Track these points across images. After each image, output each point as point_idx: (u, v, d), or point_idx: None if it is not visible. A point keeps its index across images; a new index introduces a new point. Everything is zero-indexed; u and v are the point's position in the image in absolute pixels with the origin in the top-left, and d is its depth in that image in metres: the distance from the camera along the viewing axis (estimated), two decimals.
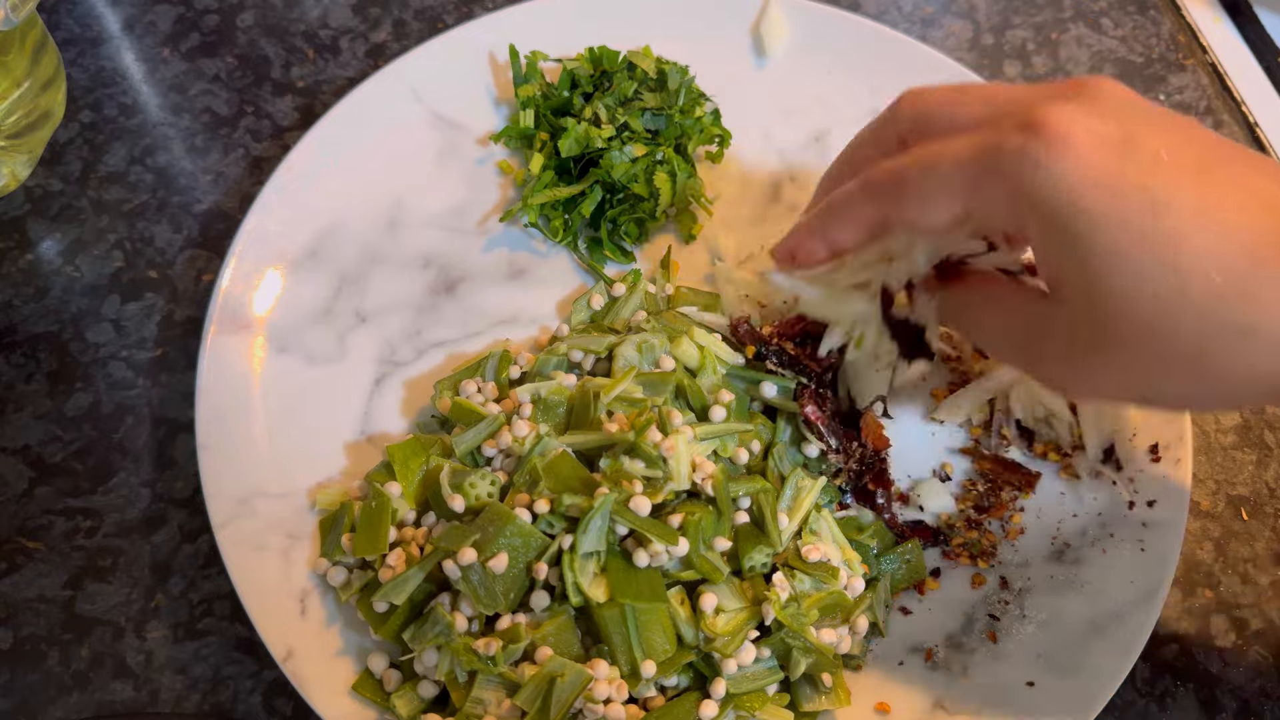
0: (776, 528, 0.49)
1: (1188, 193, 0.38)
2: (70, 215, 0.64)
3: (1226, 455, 0.58)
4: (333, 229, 0.61)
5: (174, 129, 0.68)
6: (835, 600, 0.49)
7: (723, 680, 0.46)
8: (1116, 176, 0.38)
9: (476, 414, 0.51)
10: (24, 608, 0.53)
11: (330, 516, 0.52)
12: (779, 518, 0.50)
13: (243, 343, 0.57)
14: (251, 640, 0.52)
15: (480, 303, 0.60)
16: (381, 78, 0.64)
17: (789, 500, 0.50)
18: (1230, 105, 0.71)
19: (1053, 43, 0.73)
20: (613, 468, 0.48)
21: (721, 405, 0.52)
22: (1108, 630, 0.49)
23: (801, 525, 0.50)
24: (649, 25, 0.67)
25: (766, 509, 0.49)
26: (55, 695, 0.51)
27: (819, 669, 0.48)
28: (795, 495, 0.51)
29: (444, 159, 0.64)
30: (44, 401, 0.58)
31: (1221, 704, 0.52)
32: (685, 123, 0.63)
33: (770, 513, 0.49)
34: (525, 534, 0.47)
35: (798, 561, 0.49)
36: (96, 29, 0.71)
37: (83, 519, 0.55)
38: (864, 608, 0.50)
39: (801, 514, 0.50)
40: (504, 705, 0.46)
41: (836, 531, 0.51)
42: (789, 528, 0.49)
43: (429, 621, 0.47)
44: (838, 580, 0.49)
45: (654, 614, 0.46)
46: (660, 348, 0.54)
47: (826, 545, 0.50)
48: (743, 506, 0.50)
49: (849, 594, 0.50)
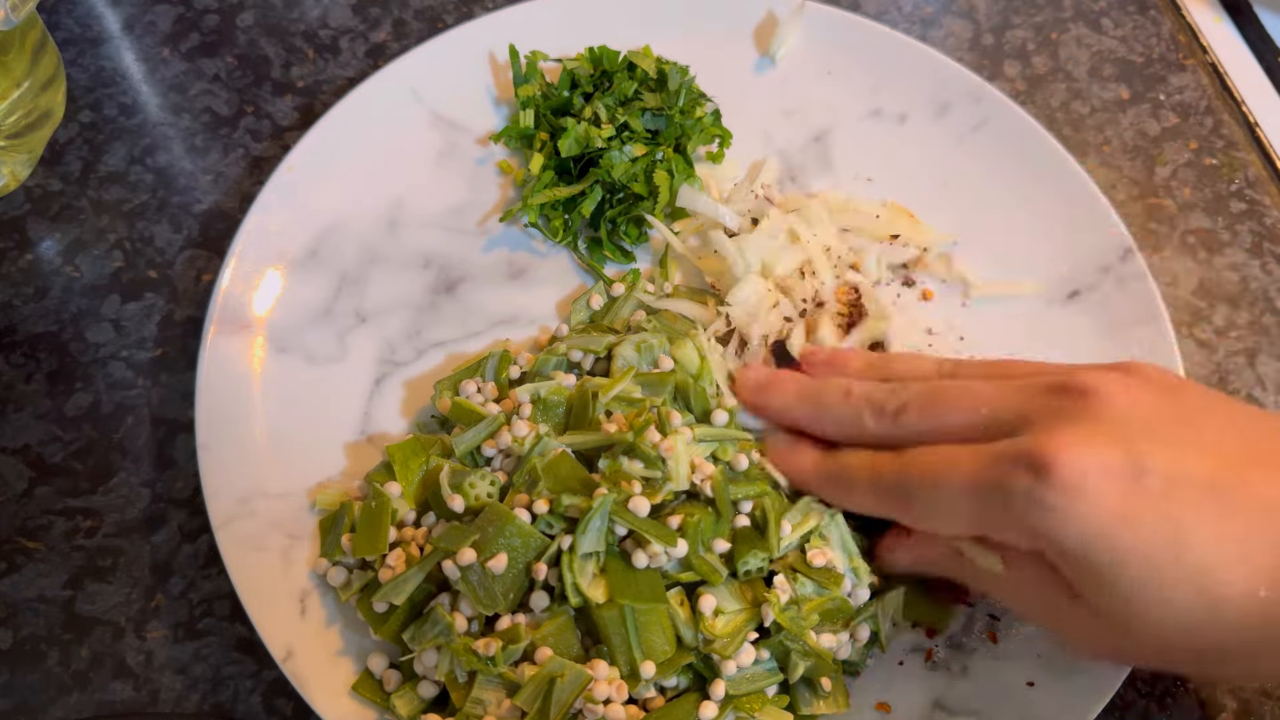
0: (777, 534, 0.49)
1: (1207, 519, 0.38)
2: (70, 215, 0.64)
3: None
4: (333, 229, 0.61)
5: (174, 129, 0.68)
6: (837, 606, 0.49)
7: (722, 682, 0.46)
8: (1133, 508, 0.38)
9: (476, 414, 0.51)
10: (24, 608, 0.53)
11: (330, 516, 0.52)
12: (781, 525, 0.49)
13: (243, 343, 0.57)
14: (251, 640, 0.52)
15: (480, 303, 0.60)
16: (381, 78, 0.64)
17: (797, 515, 0.50)
18: (1230, 105, 0.71)
19: (1053, 43, 0.73)
20: (611, 468, 0.48)
21: (724, 410, 0.52)
22: None
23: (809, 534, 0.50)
24: (649, 25, 0.67)
25: (770, 514, 0.49)
26: (55, 695, 0.51)
27: (817, 673, 0.48)
28: (804, 511, 0.50)
29: (444, 159, 0.64)
30: (44, 401, 0.58)
31: (1221, 704, 0.52)
32: (685, 123, 0.63)
33: (774, 519, 0.49)
34: (525, 534, 0.47)
35: (801, 565, 0.49)
36: (96, 29, 0.71)
37: (83, 519, 0.55)
38: (867, 615, 0.49)
39: (805, 529, 0.49)
40: (504, 705, 0.46)
41: (848, 539, 0.50)
42: (789, 538, 0.49)
43: (429, 622, 0.47)
44: (840, 587, 0.49)
45: (653, 615, 0.46)
46: (659, 347, 0.54)
47: (834, 551, 0.50)
48: (744, 510, 0.50)
49: (852, 602, 0.49)
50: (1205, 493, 0.39)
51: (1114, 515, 0.38)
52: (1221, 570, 0.38)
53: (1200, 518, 0.38)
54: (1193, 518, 0.38)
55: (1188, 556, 0.38)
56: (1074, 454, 0.39)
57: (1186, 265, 0.65)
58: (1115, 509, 0.38)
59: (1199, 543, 0.38)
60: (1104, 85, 0.71)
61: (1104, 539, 0.39)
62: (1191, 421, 0.41)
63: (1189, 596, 0.38)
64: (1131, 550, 0.38)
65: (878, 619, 0.50)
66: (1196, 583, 0.38)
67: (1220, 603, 0.38)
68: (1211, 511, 0.39)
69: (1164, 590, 0.39)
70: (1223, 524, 0.38)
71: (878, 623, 0.50)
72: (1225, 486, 0.39)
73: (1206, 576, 0.38)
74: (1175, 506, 0.39)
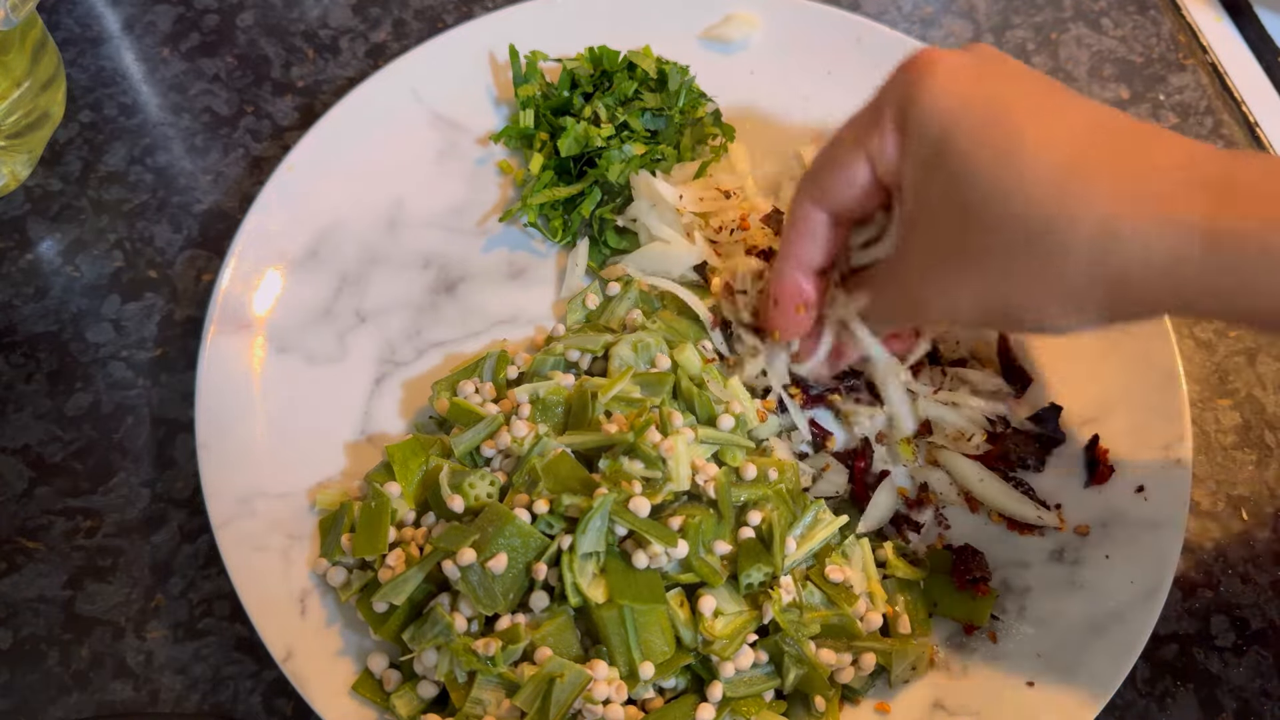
0: (782, 550, 0.48)
1: (1029, 99, 0.42)
2: (70, 215, 0.64)
3: (1226, 455, 0.58)
4: (333, 229, 0.61)
5: (174, 129, 0.68)
6: (841, 624, 0.48)
7: (719, 684, 0.46)
8: (971, 86, 0.43)
9: (475, 414, 0.51)
10: (24, 608, 0.53)
11: (330, 516, 0.52)
12: (787, 542, 0.49)
13: (243, 343, 0.57)
14: (251, 640, 0.52)
15: (480, 303, 0.60)
16: (381, 78, 0.64)
17: (803, 528, 0.50)
18: (1230, 105, 0.71)
19: (1053, 43, 0.73)
20: (612, 468, 0.48)
21: (731, 415, 0.52)
22: (1108, 630, 0.49)
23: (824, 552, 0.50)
24: (649, 25, 0.67)
25: (777, 529, 0.48)
26: (55, 695, 0.51)
27: (811, 687, 0.47)
28: (811, 525, 0.50)
29: (444, 159, 0.64)
30: (44, 401, 0.58)
31: (1221, 704, 0.52)
32: (686, 122, 0.63)
33: (780, 534, 0.48)
34: (524, 534, 0.47)
35: (816, 576, 0.49)
36: (96, 29, 0.71)
37: (83, 519, 0.55)
38: (879, 648, 0.48)
39: (811, 545, 0.49)
40: (503, 705, 0.46)
41: (870, 562, 0.50)
42: (795, 554, 0.49)
43: (429, 622, 0.47)
44: (851, 606, 0.48)
45: (652, 615, 0.46)
46: (656, 347, 0.54)
47: (853, 570, 0.49)
48: (751, 523, 0.49)
49: (864, 626, 0.49)
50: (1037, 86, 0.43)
51: (955, 90, 0.43)
52: (1030, 131, 0.41)
53: (1023, 100, 0.42)
54: (1017, 99, 0.42)
55: (1008, 121, 0.41)
56: (934, 53, 0.44)
57: None
58: (957, 86, 0.43)
59: (1019, 114, 0.41)
60: (1104, 85, 0.71)
61: (944, 110, 0.42)
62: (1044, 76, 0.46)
63: (1002, 160, 0.41)
64: (963, 118, 0.42)
65: (891, 656, 0.49)
66: (1010, 143, 0.41)
67: (1025, 167, 0.40)
68: (1034, 95, 0.43)
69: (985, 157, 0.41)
70: (1041, 109, 0.42)
71: (890, 660, 0.49)
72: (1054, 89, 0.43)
73: (1020, 138, 0.41)
74: (1005, 90, 0.42)
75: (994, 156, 0.41)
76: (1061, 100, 0.43)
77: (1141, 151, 0.40)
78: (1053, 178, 0.40)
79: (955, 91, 0.43)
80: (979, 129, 0.41)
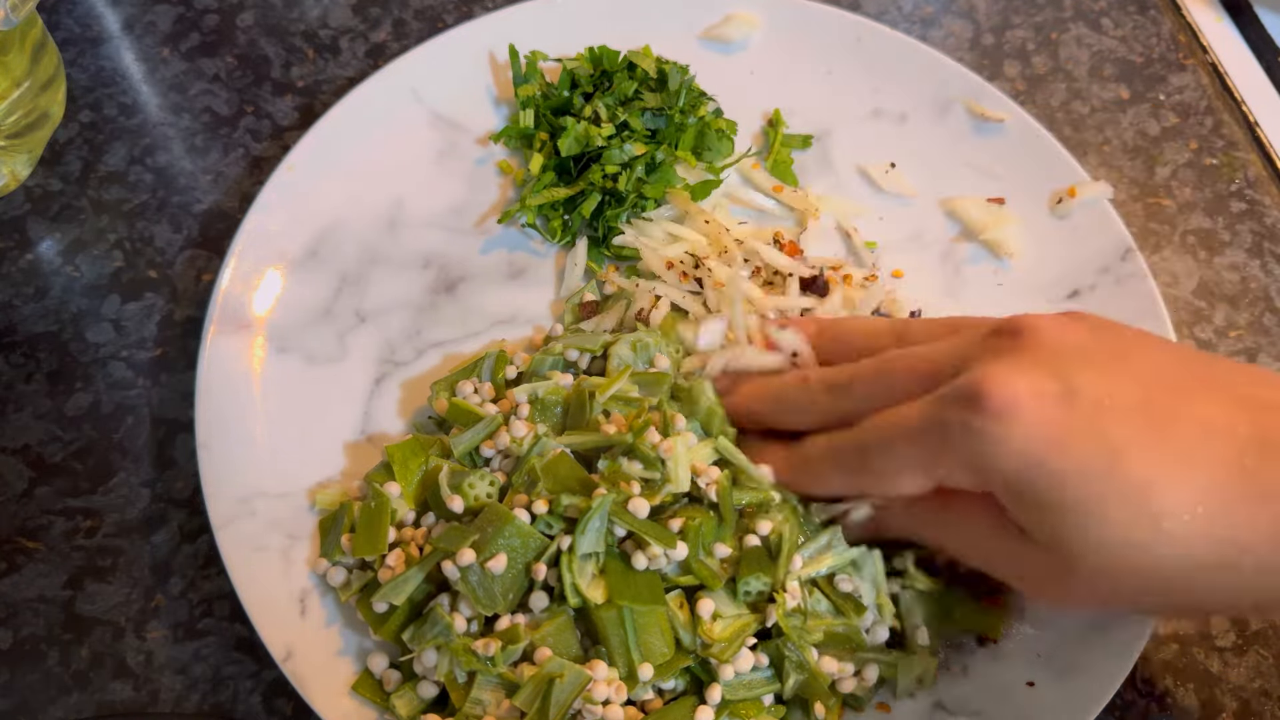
0: (787, 566, 0.47)
1: (1142, 437, 0.38)
2: (70, 215, 0.64)
3: None
4: (333, 229, 0.61)
5: (174, 129, 0.68)
6: (846, 633, 0.48)
7: (718, 686, 0.46)
8: (1067, 429, 0.39)
9: (474, 415, 0.51)
10: (24, 608, 0.53)
11: (330, 516, 0.52)
12: (793, 559, 0.48)
13: (243, 343, 0.57)
14: (251, 640, 0.52)
15: (480, 303, 0.60)
16: (381, 78, 0.64)
17: (815, 550, 0.49)
18: (1230, 105, 0.71)
19: (1053, 43, 0.73)
20: (611, 469, 0.48)
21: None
22: (1108, 630, 0.49)
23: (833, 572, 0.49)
24: (649, 25, 0.67)
25: (785, 543, 0.48)
26: (55, 695, 0.51)
27: (811, 694, 0.47)
28: (823, 549, 0.49)
29: (444, 159, 0.64)
30: (44, 401, 0.58)
31: (1221, 704, 0.52)
32: (687, 122, 0.63)
33: (788, 550, 0.48)
34: (524, 534, 0.47)
35: (825, 584, 0.48)
36: (96, 29, 0.72)
37: (83, 519, 0.55)
38: (883, 659, 0.48)
39: (817, 569, 0.48)
40: (503, 706, 0.46)
41: (880, 575, 0.49)
42: (799, 572, 0.48)
43: (428, 622, 0.47)
44: (859, 618, 0.48)
45: (652, 617, 0.46)
46: (654, 346, 0.54)
47: (863, 583, 0.49)
48: (761, 532, 0.48)
49: (869, 639, 0.48)
50: (1139, 413, 0.39)
51: (1048, 437, 0.39)
52: (1160, 485, 0.38)
53: (1135, 436, 0.39)
54: (1127, 435, 0.39)
55: (1125, 473, 0.38)
56: (1005, 381, 0.39)
57: (1186, 265, 0.65)
58: (1049, 431, 0.39)
59: (1136, 460, 0.38)
60: (1104, 85, 0.71)
61: (1040, 462, 0.39)
62: (1124, 353, 0.42)
63: (1128, 515, 0.38)
64: (1068, 471, 0.39)
65: (897, 665, 0.48)
66: (1135, 500, 0.38)
67: (1160, 519, 0.38)
68: (1146, 431, 0.39)
69: (1104, 507, 0.38)
70: (1158, 442, 0.39)
71: (894, 672, 0.48)
72: (1159, 407, 0.39)
73: (1145, 492, 0.38)
74: (1109, 426, 0.39)
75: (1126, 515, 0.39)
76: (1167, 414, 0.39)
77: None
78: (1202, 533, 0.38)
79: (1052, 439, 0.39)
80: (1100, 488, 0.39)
